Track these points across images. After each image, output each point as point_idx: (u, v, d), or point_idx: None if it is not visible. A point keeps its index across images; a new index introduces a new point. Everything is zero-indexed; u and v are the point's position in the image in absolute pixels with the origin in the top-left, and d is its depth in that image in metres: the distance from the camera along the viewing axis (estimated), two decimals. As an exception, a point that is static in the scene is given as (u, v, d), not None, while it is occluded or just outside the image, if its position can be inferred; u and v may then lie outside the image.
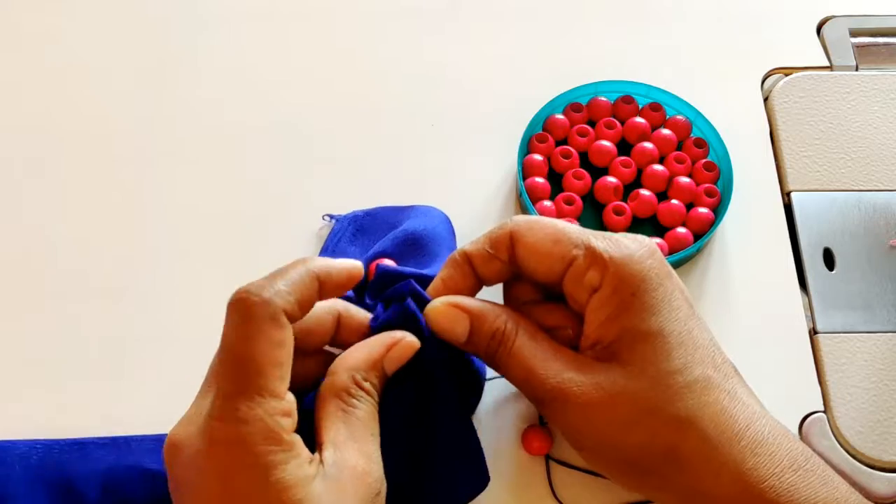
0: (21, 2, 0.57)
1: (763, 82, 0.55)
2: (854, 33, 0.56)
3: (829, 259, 0.48)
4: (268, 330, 0.32)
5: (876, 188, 0.50)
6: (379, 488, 0.34)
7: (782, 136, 0.52)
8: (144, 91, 0.54)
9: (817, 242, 0.49)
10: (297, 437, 0.32)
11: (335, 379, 0.35)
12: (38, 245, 0.49)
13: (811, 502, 0.34)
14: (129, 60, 0.55)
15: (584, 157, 0.50)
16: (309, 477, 0.32)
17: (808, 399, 0.44)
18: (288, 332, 0.33)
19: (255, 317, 0.32)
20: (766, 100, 0.54)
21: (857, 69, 0.55)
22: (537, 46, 0.56)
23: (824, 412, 0.44)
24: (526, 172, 0.49)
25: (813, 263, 0.48)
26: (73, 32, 0.56)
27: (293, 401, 0.33)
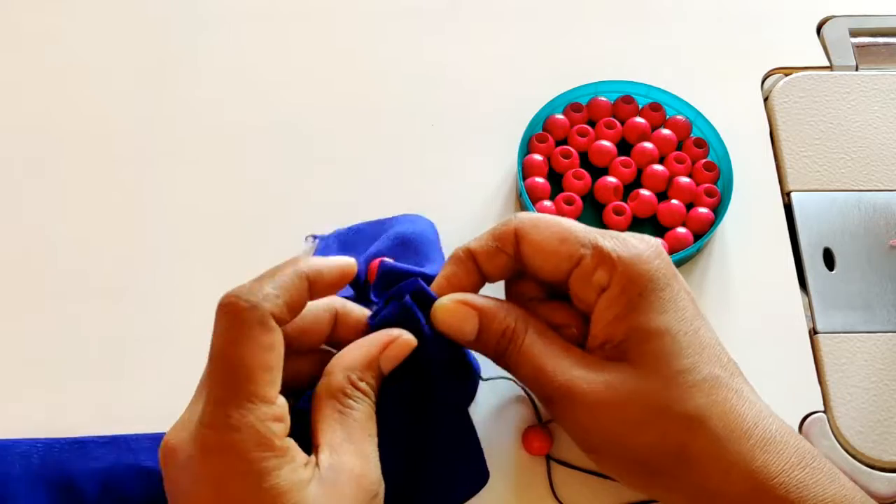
0: (21, 2, 0.57)
1: (763, 82, 0.55)
2: (854, 33, 0.56)
3: (829, 259, 0.48)
4: (257, 335, 0.32)
5: (876, 188, 0.50)
6: (377, 490, 0.34)
7: (782, 136, 0.52)
8: (144, 91, 0.54)
9: (817, 242, 0.49)
10: (291, 442, 0.32)
11: (331, 379, 0.35)
12: (38, 245, 0.49)
13: (820, 499, 0.34)
14: (129, 60, 0.55)
15: (584, 157, 0.50)
16: (304, 481, 0.31)
17: (808, 399, 0.44)
18: (277, 336, 0.33)
19: (244, 322, 0.32)
20: (766, 100, 0.54)
21: (857, 69, 0.55)
22: (537, 46, 0.56)
23: (824, 412, 0.44)
24: (526, 172, 0.49)
25: (813, 263, 0.48)
26: (73, 32, 0.56)
27: (285, 405, 0.33)
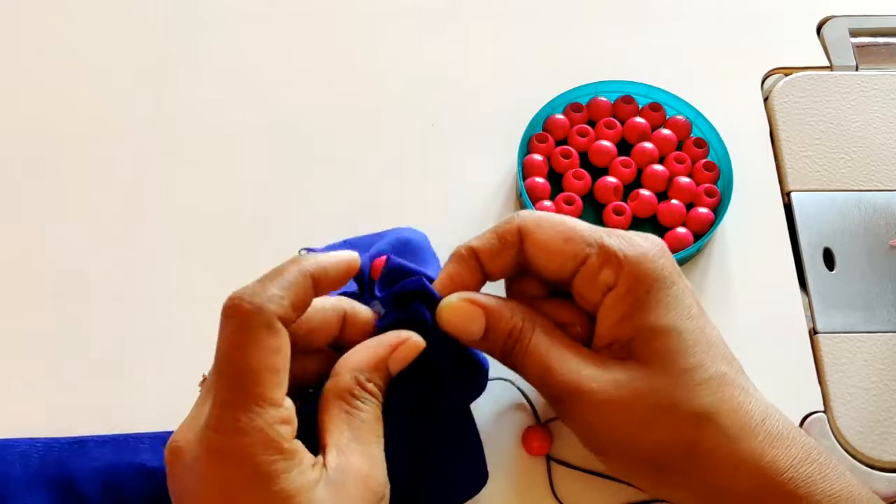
0: (21, 2, 0.57)
1: (763, 82, 0.55)
2: (854, 33, 0.56)
3: (829, 259, 0.48)
4: (263, 338, 0.32)
5: (876, 188, 0.50)
6: (383, 492, 0.33)
7: (782, 136, 0.52)
8: (144, 91, 0.54)
9: (817, 242, 0.49)
10: (298, 444, 0.32)
11: (339, 380, 0.34)
12: (38, 245, 0.49)
13: (827, 494, 0.34)
14: (129, 60, 0.55)
15: (584, 157, 0.50)
16: (312, 483, 0.31)
17: (808, 399, 0.44)
18: (283, 338, 0.32)
19: (249, 324, 0.32)
20: (766, 100, 0.54)
21: (857, 69, 0.55)
22: (537, 46, 0.56)
23: (824, 412, 0.44)
24: (526, 172, 0.49)
25: (813, 263, 0.48)
26: (73, 32, 0.56)
27: (292, 407, 0.32)
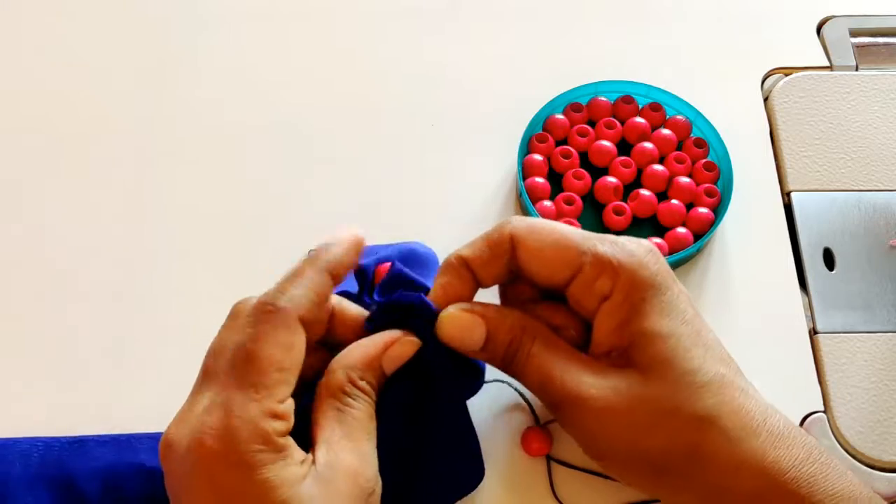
0: (21, 2, 0.57)
1: (763, 82, 0.55)
2: (854, 33, 0.56)
3: (829, 259, 0.48)
4: (279, 335, 0.33)
5: (876, 188, 0.50)
6: (373, 487, 0.34)
7: (782, 136, 0.52)
8: (144, 91, 0.54)
9: (817, 242, 0.49)
10: (290, 441, 0.32)
11: (331, 378, 0.35)
12: (39, 245, 0.48)
13: (829, 494, 0.34)
14: (129, 60, 0.55)
15: (584, 157, 0.50)
16: (298, 477, 0.31)
17: (808, 399, 0.44)
18: (299, 337, 0.33)
19: (268, 322, 0.33)
20: (766, 100, 0.54)
21: (857, 69, 0.55)
22: (537, 46, 0.56)
23: (824, 412, 0.44)
24: (526, 172, 0.49)
25: (813, 263, 0.48)
26: (73, 32, 0.56)
27: (291, 405, 0.33)
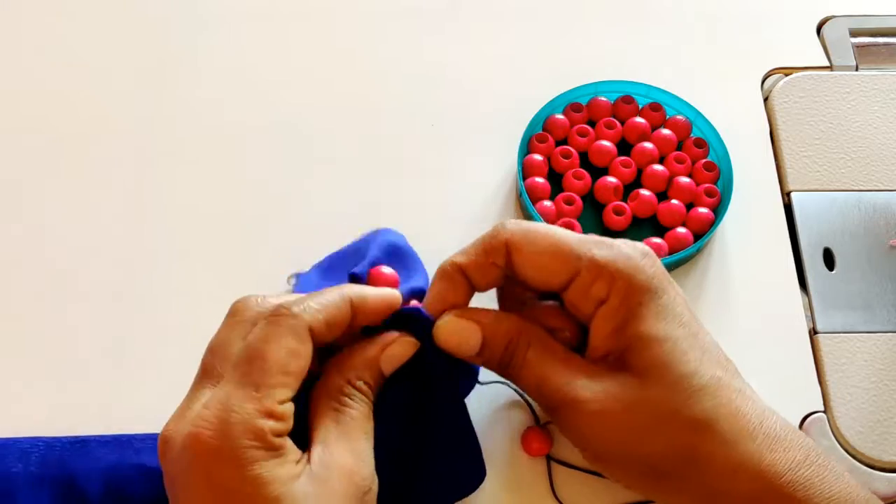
0: (21, 2, 0.57)
1: (763, 82, 0.55)
2: (854, 33, 0.56)
3: (829, 259, 0.48)
4: (288, 340, 0.33)
5: (876, 188, 0.50)
6: (369, 486, 0.34)
7: (782, 136, 0.52)
8: (144, 91, 0.54)
9: (817, 242, 0.49)
10: (287, 442, 0.32)
11: (329, 378, 0.35)
12: (39, 245, 0.48)
13: (825, 497, 0.34)
14: (129, 60, 0.55)
15: (584, 157, 0.50)
16: (292, 475, 0.32)
17: (808, 399, 0.44)
18: (306, 347, 0.33)
19: (279, 325, 0.33)
20: (766, 100, 0.54)
21: (857, 69, 0.55)
22: (537, 46, 0.56)
23: (824, 412, 0.44)
24: (526, 172, 0.49)
25: (813, 263, 0.48)
26: (73, 32, 0.56)
27: (290, 407, 0.33)
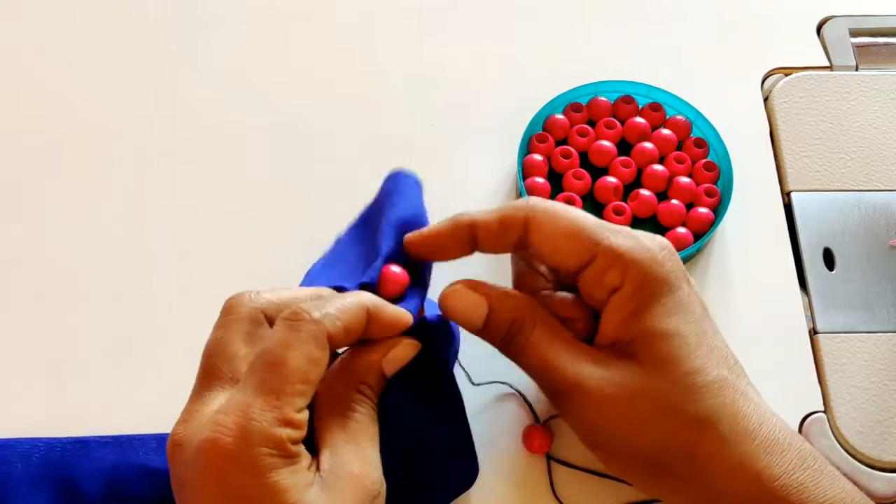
0: (21, 2, 0.57)
1: (763, 82, 0.55)
2: (854, 33, 0.56)
3: (829, 259, 0.48)
4: (310, 348, 0.33)
5: (876, 188, 0.50)
6: (378, 490, 0.34)
7: (782, 136, 0.52)
8: (144, 91, 0.54)
9: (817, 242, 0.49)
10: (302, 449, 0.32)
11: (334, 383, 0.35)
12: (39, 245, 0.49)
13: (820, 500, 0.34)
14: (129, 60, 0.55)
15: (584, 157, 0.50)
16: (307, 484, 0.31)
17: (808, 399, 0.44)
18: (325, 354, 0.33)
19: (301, 331, 0.33)
20: (766, 100, 0.54)
21: (857, 69, 0.55)
22: (537, 46, 0.56)
23: (824, 412, 0.44)
24: (526, 172, 0.49)
25: (813, 263, 0.48)
26: (73, 32, 0.56)
27: (306, 415, 0.33)
